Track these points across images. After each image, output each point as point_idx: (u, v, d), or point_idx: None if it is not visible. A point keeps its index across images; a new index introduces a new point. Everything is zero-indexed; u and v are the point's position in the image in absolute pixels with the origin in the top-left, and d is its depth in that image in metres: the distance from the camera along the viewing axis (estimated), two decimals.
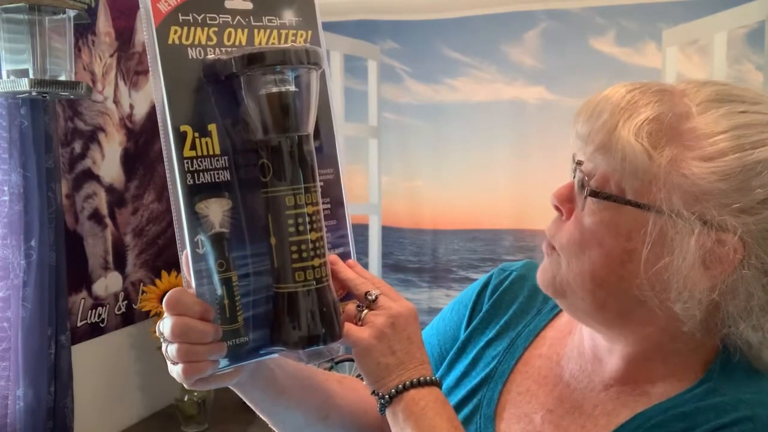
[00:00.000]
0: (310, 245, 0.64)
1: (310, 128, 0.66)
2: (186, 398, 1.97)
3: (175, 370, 0.65)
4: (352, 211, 0.75)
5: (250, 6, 0.68)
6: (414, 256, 2.27)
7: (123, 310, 1.98)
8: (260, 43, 0.68)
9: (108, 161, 1.92)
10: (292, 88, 0.64)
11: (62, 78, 1.47)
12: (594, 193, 0.68)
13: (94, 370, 1.89)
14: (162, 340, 0.66)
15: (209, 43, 0.66)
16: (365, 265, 2.35)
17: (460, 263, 2.24)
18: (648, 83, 0.70)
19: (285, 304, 0.66)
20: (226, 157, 0.66)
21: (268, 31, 0.68)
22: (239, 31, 0.67)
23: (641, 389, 0.72)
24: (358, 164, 2.28)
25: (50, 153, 1.55)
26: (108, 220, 1.93)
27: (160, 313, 1.93)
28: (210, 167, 0.65)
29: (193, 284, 0.65)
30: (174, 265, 2.09)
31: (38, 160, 1.52)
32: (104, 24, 1.88)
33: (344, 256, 0.73)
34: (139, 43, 1.99)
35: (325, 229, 0.67)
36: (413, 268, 2.27)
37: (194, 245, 0.64)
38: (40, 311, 1.54)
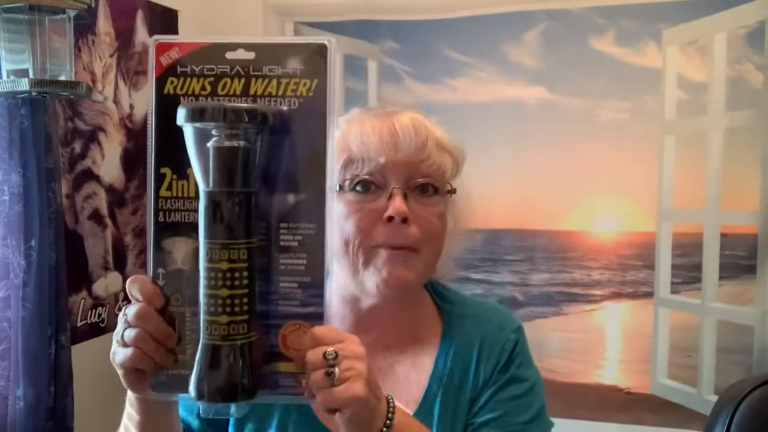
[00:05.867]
0: (219, 301, 0.65)
1: (239, 185, 0.66)
2: None
3: (122, 353, 0.69)
4: None
5: (252, 56, 0.70)
6: None
7: None
8: (256, 92, 0.70)
9: (108, 161, 1.92)
10: (226, 143, 0.65)
11: (62, 78, 1.47)
12: None
13: (94, 370, 1.88)
14: (123, 323, 0.70)
15: (203, 92, 0.70)
16: None
17: (459, 263, 2.23)
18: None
19: (199, 353, 0.67)
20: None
21: (266, 80, 0.70)
22: (236, 80, 0.70)
23: None
24: None
25: (50, 153, 1.55)
26: (108, 220, 1.93)
27: None
28: (182, 208, 0.70)
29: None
30: None
31: (38, 160, 1.52)
32: (104, 24, 1.88)
33: (313, 317, 0.71)
34: (139, 43, 1.99)
35: (254, 288, 0.67)
36: None
37: (155, 277, 0.70)
38: (40, 311, 1.54)
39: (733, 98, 1.98)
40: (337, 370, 0.67)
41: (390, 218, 0.85)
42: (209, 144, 0.65)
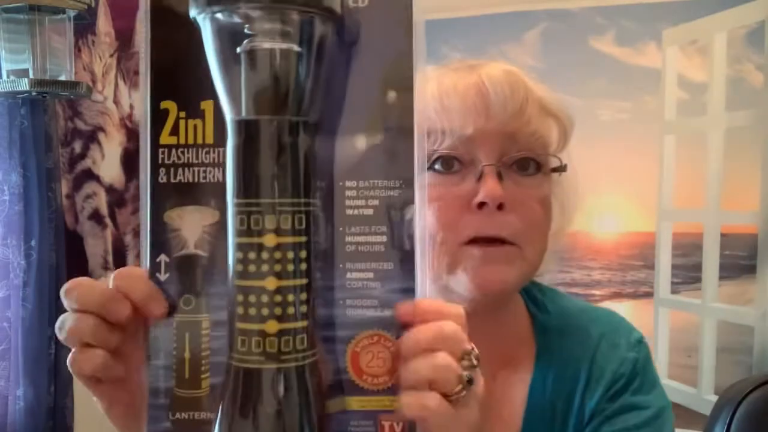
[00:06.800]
0: (264, 298, 0.40)
1: (292, 111, 0.41)
2: None
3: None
4: None
5: None
6: None
7: None
8: None
9: (108, 161, 1.92)
10: (267, 45, 0.40)
11: (62, 78, 1.47)
12: None
13: None
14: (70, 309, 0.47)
15: None
16: None
17: None
18: None
19: (229, 383, 0.42)
20: (222, 149, 0.45)
21: None
22: None
23: None
24: None
25: (50, 153, 1.56)
26: (108, 220, 1.93)
27: None
28: (195, 161, 0.45)
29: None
30: None
31: (38, 160, 1.52)
32: (104, 24, 1.88)
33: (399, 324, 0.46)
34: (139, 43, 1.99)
35: (313, 278, 0.42)
36: None
37: (154, 268, 0.45)
38: (40, 311, 1.54)
39: (733, 98, 1.98)
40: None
41: (481, 204, 0.63)
42: (241, 48, 0.41)
